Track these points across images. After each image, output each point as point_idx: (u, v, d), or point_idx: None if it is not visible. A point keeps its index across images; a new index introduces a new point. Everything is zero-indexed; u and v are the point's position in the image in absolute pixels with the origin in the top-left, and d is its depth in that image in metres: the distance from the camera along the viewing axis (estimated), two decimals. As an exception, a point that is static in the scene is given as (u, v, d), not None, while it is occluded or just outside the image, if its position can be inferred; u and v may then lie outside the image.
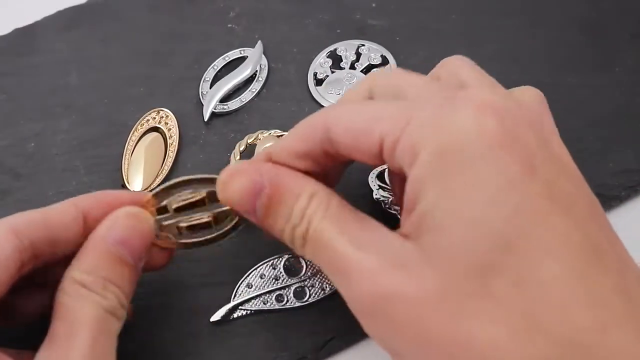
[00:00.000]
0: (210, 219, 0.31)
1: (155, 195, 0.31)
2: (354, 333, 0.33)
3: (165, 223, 0.31)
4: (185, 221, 0.31)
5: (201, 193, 0.30)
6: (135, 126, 0.41)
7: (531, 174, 0.23)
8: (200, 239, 0.31)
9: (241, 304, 0.34)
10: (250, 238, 0.36)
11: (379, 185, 0.36)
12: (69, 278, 0.27)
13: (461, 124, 0.23)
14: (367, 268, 0.23)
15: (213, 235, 0.31)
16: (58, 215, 0.28)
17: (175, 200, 0.31)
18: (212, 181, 0.30)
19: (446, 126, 0.23)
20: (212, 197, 0.30)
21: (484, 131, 0.23)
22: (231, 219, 0.31)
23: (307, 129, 0.27)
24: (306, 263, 0.34)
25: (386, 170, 0.37)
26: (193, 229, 0.31)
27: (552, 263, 0.21)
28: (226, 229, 0.31)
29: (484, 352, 0.21)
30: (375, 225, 0.25)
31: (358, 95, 0.29)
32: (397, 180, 0.30)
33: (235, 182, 0.27)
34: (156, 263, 0.31)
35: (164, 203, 0.31)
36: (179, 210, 0.31)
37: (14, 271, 0.26)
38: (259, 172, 0.27)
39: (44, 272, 0.29)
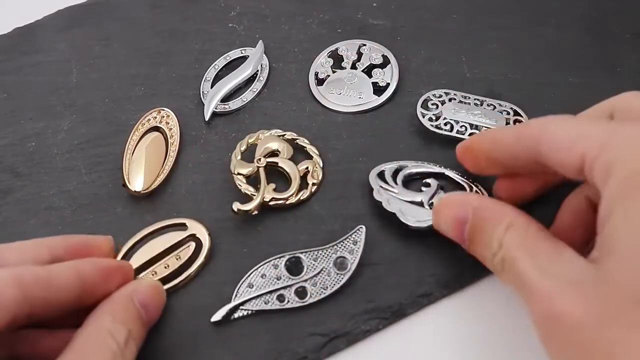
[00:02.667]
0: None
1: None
2: (354, 333, 0.33)
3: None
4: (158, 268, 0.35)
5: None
6: (136, 125, 0.41)
7: None
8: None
9: (242, 304, 0.33)
10: (251, 238, 0.36)
11: (380, 186, 0.36)
12: (99, 324, 0.28)
13: None
14: (544, 291, 0.24)
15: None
16: (62, 280, 0.28)
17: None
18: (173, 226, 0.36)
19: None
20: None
21: None
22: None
23: (522, 130, 0.29)
24: (307, 263, 0.34)
25: (387, 170, 0.36)
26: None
27: None
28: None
29: None
30: (566, 251, 0.26)
31: (595, 113, 0.30)
32: (573, 208, 0.31)
33: (442, 214, 0.31)
34: None
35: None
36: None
37: (5, 323, 0.26)
38: (464, 203, 0.30)
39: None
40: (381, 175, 0.36)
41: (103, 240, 0.34)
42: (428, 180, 0.36)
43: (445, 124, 0.38)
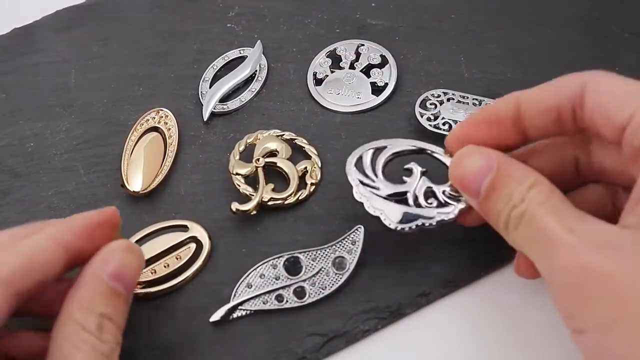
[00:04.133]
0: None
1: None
2: (353, 333, 0.33)
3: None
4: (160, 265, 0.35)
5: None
6: (134, 126, 0.41)
7: None
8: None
9: (241, 304, 0.33)
10: (249, 238, 0.36)
11: (359, 180, 0.33)
12: (68, 317, 0.27)
13: None
14: (570, 244, 0.24)
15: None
16: (42, 258, 0.28)
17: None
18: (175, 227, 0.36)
19: None
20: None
21: None
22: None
23: (563, 81, 0.28)
24: (305, 264, 0.34)
25: (364, 157, 0.34)
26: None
27: None
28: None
29: None
30: (592, 218, 0.25)
31: None
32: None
33: (467, 160, 0.29)
34: None
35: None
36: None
37: (1, 322, 0.26)
38: (489, 155, 0.29)
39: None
40: (359, 165, 0.34)
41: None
42: (410, 166, 0.34)
43: (444, 124, 0.38)
